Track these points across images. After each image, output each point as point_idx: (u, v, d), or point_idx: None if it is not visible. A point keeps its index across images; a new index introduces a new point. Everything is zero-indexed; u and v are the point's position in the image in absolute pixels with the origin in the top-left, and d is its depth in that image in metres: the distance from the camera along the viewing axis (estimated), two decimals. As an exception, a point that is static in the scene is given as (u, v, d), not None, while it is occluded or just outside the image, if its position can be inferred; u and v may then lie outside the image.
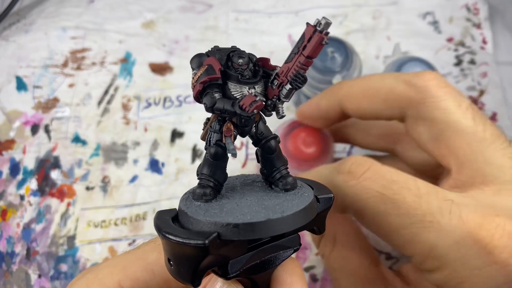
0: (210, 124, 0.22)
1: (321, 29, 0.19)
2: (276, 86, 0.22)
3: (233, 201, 0.21)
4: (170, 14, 0.61)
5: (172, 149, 0.52)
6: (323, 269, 0.46)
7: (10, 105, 0.55)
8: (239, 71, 0.21)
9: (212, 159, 0.22)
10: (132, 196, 0.50)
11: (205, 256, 0.19)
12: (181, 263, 0.20)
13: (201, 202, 0.21)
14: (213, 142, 0.22)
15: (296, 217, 0.20)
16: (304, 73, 0.21)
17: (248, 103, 0.20)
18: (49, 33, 0.60)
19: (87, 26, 0.60)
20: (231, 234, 0.19)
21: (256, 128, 0.23)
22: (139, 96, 0.56)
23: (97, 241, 0.48)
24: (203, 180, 0.22)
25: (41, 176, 0.51)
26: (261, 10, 0.61)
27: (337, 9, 0.60)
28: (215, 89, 0.21)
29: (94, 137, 0.53)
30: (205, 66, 0.21)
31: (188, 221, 0.20)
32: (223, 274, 0.21)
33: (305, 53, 0.20)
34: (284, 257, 0.22)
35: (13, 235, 0.48)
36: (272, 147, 0.23)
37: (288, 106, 0.53)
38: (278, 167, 0.23)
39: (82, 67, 0.58)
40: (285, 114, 0.22)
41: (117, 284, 0.24)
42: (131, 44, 0.59)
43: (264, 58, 0.22)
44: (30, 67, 0.58)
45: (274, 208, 0.20)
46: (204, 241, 0.18)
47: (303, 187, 0.23)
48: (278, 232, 0.20)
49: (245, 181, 0.25)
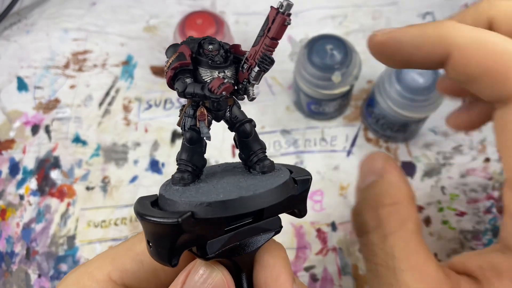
0: (184, 110, 0.23)
1: (283, 11, 0.20)
2: (246, 70, 0.22)
3: (210, 184, 0.22)
4: (172, 19, 0.61)
5: (173, 150, 0.53)
6: (323, 269, 0.45)
7: (10, 105, 0.56)
8: (210, 57, 0.22)
9: (188, 144, 0.23)
10: (132, 196, 0.50)
11: (180, 234, 0.19)
12: (158, 243, 0.20)
13: (179, 186, 0.22)
14: (187, 126, 0.23)
15: (268, 194, 0.21)
16: (270, 54, 0.21)
17: (217, 85, 0.20)
18: (51, 34, 0.60)
19: (89, 28, 0.61)
20: (205, 213, 0.19)
21: (230, 113, 0.23)
22: (140, 98, 0.56)
23: (97, 241, 0.48)
24: (181, 165, 0.23)
25: (41, 176, 0.51)
26: (261, 12, 0.61)
27: (337, 10, 0.60)
28: (187, 74, 0.21)
29: (95, 137, 0.53)
30: (177, 53, 0.21)
31: (165, 203, 0.21)
32: (202, 255, 0.21)
33: (270, 34, 0.21)
34: (265, 240, 0.23)
35: (12, 234, 0.48)
36: (246, 130, 0.23)
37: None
38: (255, 151, 0.23)
39: (83, 69, 0.58)
40: (255, 96, 0.23)
41: (107, 277, 0.24)
42: (133, 47, 0.59)
43: (235, 45, 0.23)
44: (31, 67, 0.58)
45: (248, 188, 0.21)
46: (177, 219, 0.19)
47: (281, 169, 0.24)
48: (250, 209, 0.20)
49: (227, 167, 0.25)
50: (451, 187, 0.49)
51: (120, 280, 0.25)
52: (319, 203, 0.49)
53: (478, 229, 0.46)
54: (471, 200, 0.48)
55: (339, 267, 0.45)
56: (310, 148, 0.52)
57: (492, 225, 0.46)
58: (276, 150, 0.52)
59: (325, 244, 0.47)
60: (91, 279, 0.24)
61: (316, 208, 0.48)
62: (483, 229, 0.46)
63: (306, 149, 0.52)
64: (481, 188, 0.48)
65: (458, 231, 0.46)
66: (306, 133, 0.53)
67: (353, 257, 0.46)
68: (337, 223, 0.48)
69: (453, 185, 0.49)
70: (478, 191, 0.48)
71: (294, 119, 0.54)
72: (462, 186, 0.49)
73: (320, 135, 0.52)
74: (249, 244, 0.22)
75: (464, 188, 0.49)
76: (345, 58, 0.45)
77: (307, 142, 0.52)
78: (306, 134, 0.52)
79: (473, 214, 0.47)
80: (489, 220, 0.47)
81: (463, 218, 0.47)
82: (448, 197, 0.48)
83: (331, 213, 0.48)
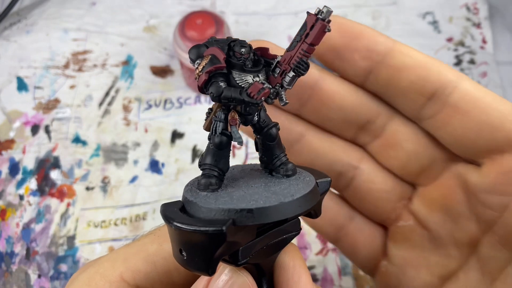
0: (214, 114, 0.22)
1: (323, 17, 0.20)
2: (278, 74, 0.22)
3: (239, 189, 0.21)
4: (172, 19, 0.61)
5: (172, 150, 0.52)
6: (323, 269, 0.45)
7: (10, 105, 0.56)
8: (242, 60, 0.21)
9: (217, 149, 0.22)
10: (132, 196, 0.50)
11: (222, 243, 0.19)
12: (196, 252, 0.19)
13: (208, 192, 0.21)
14: (219, 131, 0.22)
15: (305, 199, 0.20)
16: (307, 60, 0.21)
17: (256, 90, 0.20)
18: (51, 34, 0.60)
19: (89, 29, 0.61)
20: (246, 220, 0.19)
21: (259, 117, 0.23)
22: (140, 98, 0.56)
23: (97, 241, 0.48)
24: (206, 170, 0.22)
25: (41, 176, 0.51)
26: (261, 12, 0.61)
27: (337, 10, 0.60)
28: (220, 78, 0.21)
29: (95, 137, 0.53)
30: (209, 56, 0.21)
31: (198, 210, 0.20)
32: (233, 261, 0.21)
33: (308, 40, 0.21)
34: (287, 242, 0.23)
35: (12, 235, 0.48)
36: (273, 134, 0.23)
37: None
38: (278, 154, 0.23)
39: (83, 69, 0.58)
40: (288, 101, 0.23)
41: (119, 277, 0.24)
42: (133, 47, 0.59)
43: (262, 48, 0.23)
44: (31, 67, 0.58)
45: (283, 193, 0.20)
46: (222, 227, 0.18)
47: (302, 172, 0.23)
48: (291, 215, 0.20)
49: (243, 170, 0.25)
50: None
51: (132, 281, 0.24)
52: (319, 203, 0.49)
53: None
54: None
55: (339, 267, 0.45)
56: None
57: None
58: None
59: (325, 244, 0.47)
60: (103, 279, 0.24)
61: (316, 208, 0.48)
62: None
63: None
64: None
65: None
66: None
67: (353, 257, 0.46)
68: (337, 223, 0.48)
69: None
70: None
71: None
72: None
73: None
74: (274, 247, 0.22)
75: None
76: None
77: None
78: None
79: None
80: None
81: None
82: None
83: (331, 213, 0.48)
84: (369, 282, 0.44)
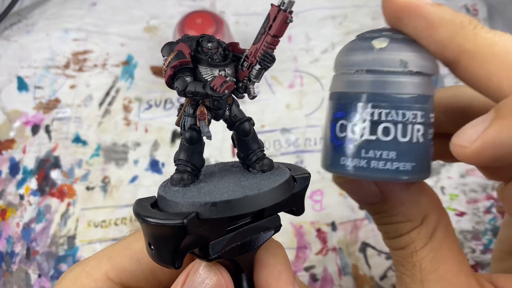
0: (183, 109, 0.23)
1: (285, 8, 0.20)
2: (246, 68, 0.22)
3: (211, 184, 0.22)
4: (172, 19, 0.61)
5: (173, 150, 0.52)
6: (323, 269, 0.45)
7: (10, 105, 0.56)
8: (209, 55, 0.22)
9: (188, 144, 0.22)
10: (132, 196, 0.50)
11: (184, 235, 0.19)
12: (161, 245, 0.20)
13: (179, 187, 0.22)
14: (187, 126, 0.22)
15: (272, 193, 0.20)
16: (272, 52, 0.21)
17: (219, 83, 0.20)
18: (51, 34, 0.60)
19: (89, 29, 0.61)
20: (209, 213, 0.19)
21: (230, 111, 0.23)
22: (140, 98, 0.56)
23: (97, 241, 0.48)
24: (180, 166, 0.22)
25: (41, 176, 0.51)
26: (261, 12, 0.61)
27: (337, 10, 0.60)
28: (186, 73, 0.21)
29: (95, 137, 0.53)
30: (175, 52, 0.21)
31: (167, 205, 0.20)
32: (204, 256, 0.21)
33: (271, 32, 0.21)
34: (265, 239, 0.23)
35: (12, 234, 0.48)
36: (246, 129, 0.23)
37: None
38: (254, 150, 0.23)
39: (83, 69, 0.58)
40: (256, 94, 0.23)
41: (105, 275, 0.24)
42: (133, 47, 0.59)
43: (233, 43, 0.23)
44: (31, 67, 0.58)
45: (251, 187, 0.21)
46: (183, 220, 0.18)
47: (280, 168, 0.24)
48: (255, 208, 0.20)
49: (224, 167, 0.25)
50: (451, 187, 0.49)
51: (117, 279, 0.24)
52: (319, 203, 0.49)
53: (478, 229, 0.46)
54: (471, 200, 0.48)
55: (339, 267, 0.45)
56: (311, 148, 0.52)
57: (492, 225, 0.46)
58: (276, 149, 0.52)
59: (325, 244, 0.47)
60: (88, 278, 0.24)
61: (316, 208, 0.48)
62: (483, 229, 0.46)
63: (306, 148, 0.52)
64: (480, 188, 0.48)
65: (458, 231, 0.46)
66: (306, 132, 0.53)
67: (353, 257, 0.46)
68: (337, 223, 0.48)
69: (453, 185, 0.49)
70: (477, 191, 0.48)
71: (294, 118, 0.54)
72: (461, 186, 0.49)
73: (320, 134, 0.52)
74: (250, 243, 0.22)
75: (463, 188, 0.49)
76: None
77: (307, 141, 0.52)
78: (306, 133, 0.52)
79: (473, 214, 0.47)
80: (489, 220, 0.47)
81: (462, 218, 0.47)
82: (448, 197, 0.48)
83: (331, 213, 0.48)
84: (369, 281, 0.44)
